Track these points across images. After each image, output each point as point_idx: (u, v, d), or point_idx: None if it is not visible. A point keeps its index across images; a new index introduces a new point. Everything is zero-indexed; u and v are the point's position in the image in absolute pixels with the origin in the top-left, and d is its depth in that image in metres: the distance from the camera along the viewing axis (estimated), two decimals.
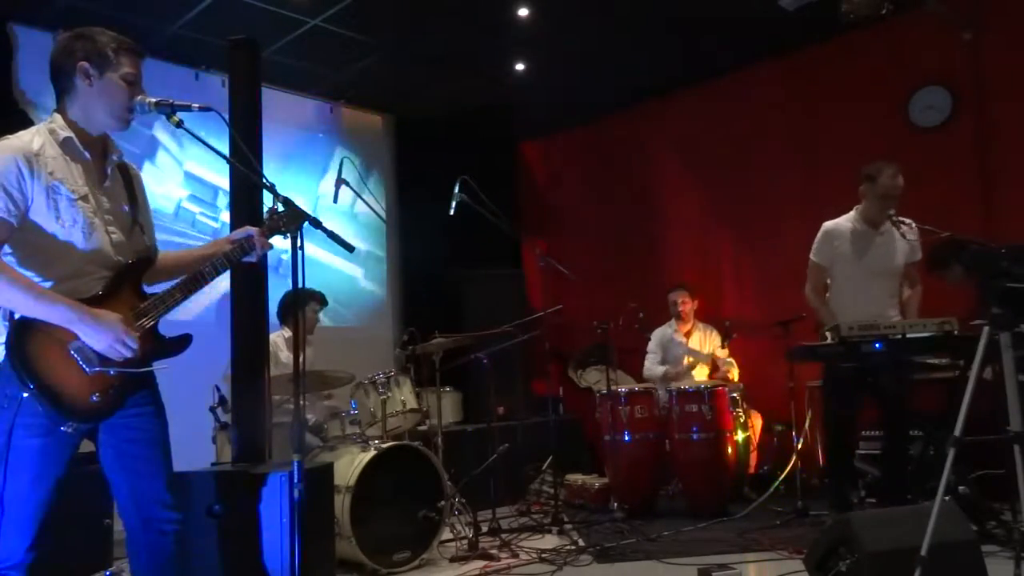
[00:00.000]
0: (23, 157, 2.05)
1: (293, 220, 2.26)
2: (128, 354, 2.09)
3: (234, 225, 3.61)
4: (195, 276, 2.24)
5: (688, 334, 6.01)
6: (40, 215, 2.06)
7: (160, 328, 2.23)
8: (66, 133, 2.14)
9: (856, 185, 4.07)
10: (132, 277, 2.21)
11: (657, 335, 6.02)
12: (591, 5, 5.42)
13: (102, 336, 2.05)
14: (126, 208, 2.27)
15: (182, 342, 2.25)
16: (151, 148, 5.78)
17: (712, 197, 6.77)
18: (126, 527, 2.21)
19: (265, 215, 2.37)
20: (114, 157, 2.27)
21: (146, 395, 2.22)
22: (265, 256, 3.27)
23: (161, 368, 2.22)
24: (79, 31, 2.19)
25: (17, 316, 2.03)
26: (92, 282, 2.12)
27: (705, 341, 6.01)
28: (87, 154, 2.17)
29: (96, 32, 2.18)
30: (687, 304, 5.98)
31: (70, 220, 2.09)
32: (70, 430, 2.04)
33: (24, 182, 2.04)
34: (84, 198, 2.13)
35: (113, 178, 2.26)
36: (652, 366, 5.96)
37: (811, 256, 4.15)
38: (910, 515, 2.69)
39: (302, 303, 4.59)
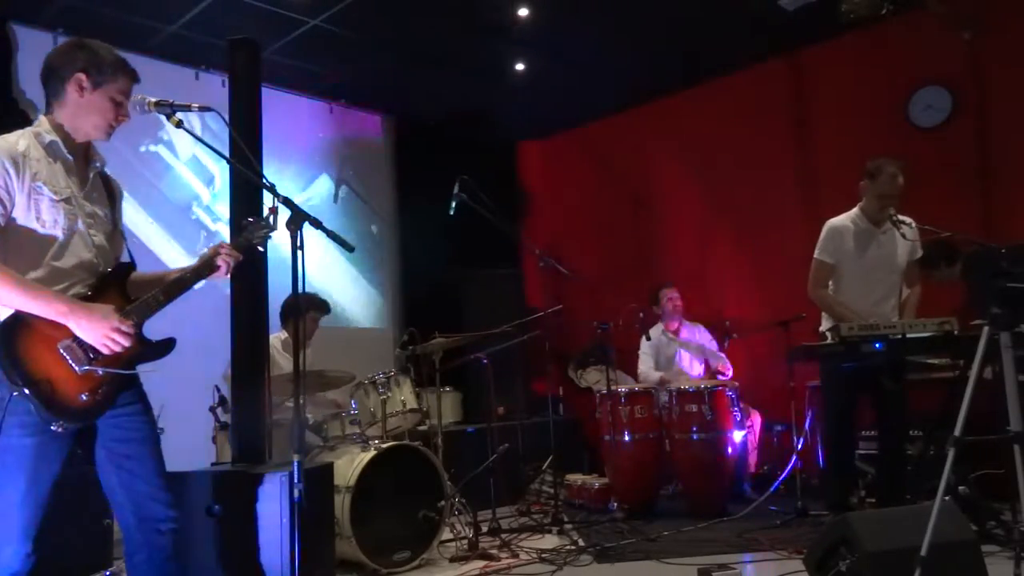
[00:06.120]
0: (9, 158, 2.06)
1: (295, 222, 2.27)
2: (125, 343, 2.09)
3: (233, 225, 3.61)
4: (177, 281, 2.27)
5: (676, 332, 6.02)
6: (20, 215, 2.07)
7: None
8: (51, 137, 2.16)
9: (856, 185, 4.07)
10: (117, 280, 2.23)
11: (651, 337, 5.99)
12: (591, 6, 5.41)
13: (96, 327, 2.05)
14: (107, 214, 2.29)
15: (166, 345, 2.28)
16: None
17: (712, 197, 6.76)
18: (122, 527, 2.21)
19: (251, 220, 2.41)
20: (97, 164, 2.30)
21: (132, 394, 2.24)
22: (265, 255, 3.29)
23: (149, 371, 2.24)
24: (83, 41, 2.21)
25: (5, 315, 2.03)
26: (74, 284, 2.13)
27: (694, 337, 6.04)
28: (71, 158, 2.19)
29: (99, 46, 2.21)
30: (679, 300, 5.98)
31: (51, 220, 2.10)
32: (60, 429, 2.04)
33: (10, 182, 2.05)
34: (67, 200, 2.15)
35: (95, 184, 2.28)
36: (647, 372, 5.95)
37: (816, 254, 4.11)
38: (910, 515, 2.69)
39: (304, 309, 4.57)
